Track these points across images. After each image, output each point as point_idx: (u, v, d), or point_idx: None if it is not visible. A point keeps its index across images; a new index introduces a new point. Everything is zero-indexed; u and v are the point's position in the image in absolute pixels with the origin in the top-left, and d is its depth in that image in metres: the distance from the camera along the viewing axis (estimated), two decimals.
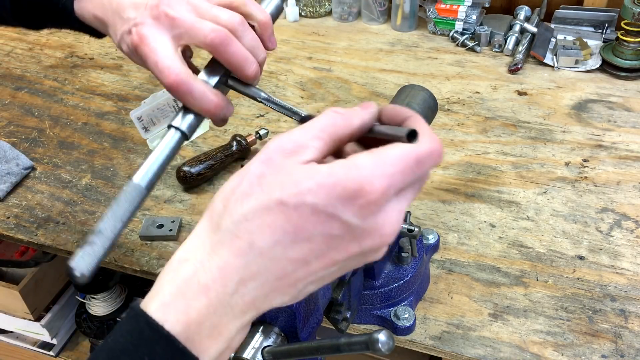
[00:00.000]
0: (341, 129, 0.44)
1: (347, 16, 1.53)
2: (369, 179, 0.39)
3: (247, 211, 0.40)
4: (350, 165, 0.40)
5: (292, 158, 0.41)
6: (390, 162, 0.40)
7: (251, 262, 0.40)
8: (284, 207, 0.40)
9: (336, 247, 0.41)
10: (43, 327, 1.40)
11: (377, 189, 0.39)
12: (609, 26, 1.35)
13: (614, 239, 0.92)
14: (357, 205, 0.39)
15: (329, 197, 0.39)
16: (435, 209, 0.98)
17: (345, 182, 0.39)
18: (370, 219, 0.40)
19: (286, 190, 0.40)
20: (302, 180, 0.40)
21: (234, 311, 0.41)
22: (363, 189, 0.39)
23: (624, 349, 0.77)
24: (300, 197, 0.39)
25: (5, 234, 0.99)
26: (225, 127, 1.19)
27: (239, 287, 0.40)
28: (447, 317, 0.82)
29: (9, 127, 1.23)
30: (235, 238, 0.40)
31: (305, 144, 0.42)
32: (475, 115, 1.19)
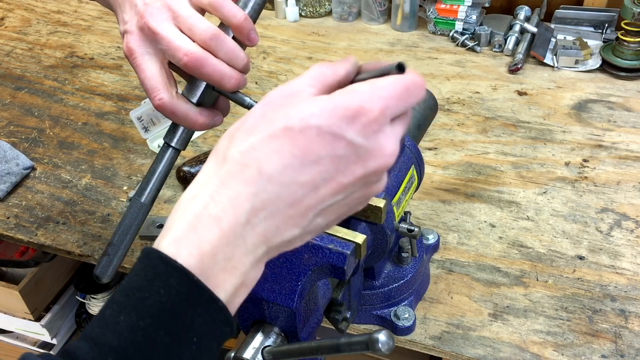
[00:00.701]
0: (329, 77, 0.46)
1: (347, 16, 1.53)
2: (367, 100, 0.42)
3: (253, 141, 0.41)
4: (348, 91, 0.43)
5: (289, 99, 0.43)
6: (384, 87, 0.43)
7: (261, 189, 0.40)
8: (290, 132, 0.41)
9: (343, 169, 0.42)
10: (43, 327, 1.40)
11: (376, 108, 0.42)
12: (609, 26, 1.35)
13: (614, 239, 0.92)
14: (359, 124, 0.41)
15: (332, 118, 0.41)
16: (435, 209, 0.98)
17: (347, 104, 0.42)
18: (372, 138, 0.42)
19: (291, 117, 0.41)
20: (305, 107, 0.42)
21: (247, 243, 0.41)
22: (363, 108, 0.42)
23: (624, 349, 0.77)
24: (305, 121, 0.41)
25: (5, 234, 0.99)
26: (225, 127, 1.18)
27: (251, 217, 0.41)
28: (447, 317, 0.82)
29: (9, 127, 1.23)
30: (244, 167, 0.41)
31: (300, 89, 0.44)
32: (475, 115, 1.19)
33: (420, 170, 0.81)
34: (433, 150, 1.10)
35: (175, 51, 0.62)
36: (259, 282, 0.59)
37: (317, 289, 0.64)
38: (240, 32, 0.65)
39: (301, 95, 0.44)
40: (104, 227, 0.98)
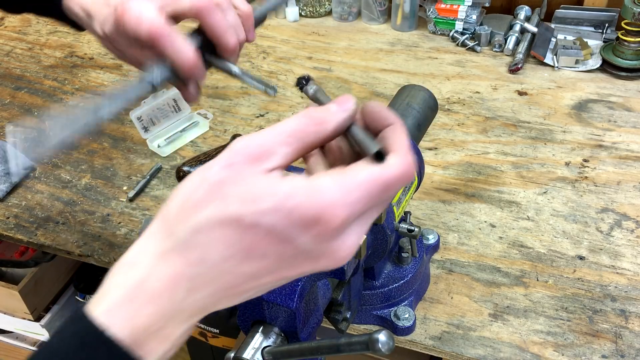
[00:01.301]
0: (313, 135, 0.41)
1: (347, 16, 1.53)
2: (330, 208, 0.38)
3: (202, 221, 0.39)
4: (313, 188, 0.39)
5: (255, 165, 0.40)
6: (355, 188, 0.39)
7: (202, 273, 0.40)
8: (240, 224, 0.39)
9: (288, 266, 0.40)
10: (43, 327, 1.40)
11: (338, 217, 0.38)
12: (609, 26, 1.35)
13: (614, 239, 0.92)
14: (314, 232, 0.38)
15: (286, 221, 0.38)
16: (435, 209, 0.98)
17: (305, 209, 0.38)
18: (326, 244, 0.39)
19: (244, 207, 0.39)
20: (261, 197, 0.39)
21: (182, 316, 0.41)
22: (323, 217, 0.38)
23: (624, 349, 0.77)
24: (257, 217, 0.38)
25: (5, 234, 0.99)
26: (225, 127, 1.19)
27: (188, 296, 0.40)
28: (447, 317, 0.82)
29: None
30: (188, 249, 0.40)
31: (272, 149, 0.40)
32: (475, 115, 1.19)
33: (420, 170, 0.81)
34: (433, 150, 1.10)
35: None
36: None
37: (317, 289, 0.64)
38: (245, 20, 0.66)
39: (269, 161, 0.40)
40: (103, 227, 0.98)
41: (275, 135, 0.41)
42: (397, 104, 0.87)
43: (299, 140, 0.41)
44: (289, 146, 0.41)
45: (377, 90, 1.27)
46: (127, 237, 0.96)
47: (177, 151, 1.13)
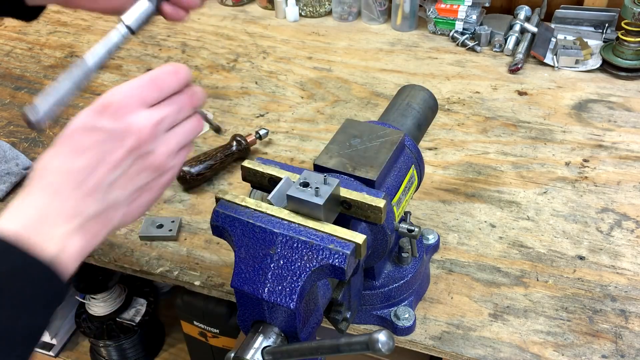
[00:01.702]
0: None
1: (347, 16, 1.53)
2: (112, 92, 0.55)
3: (42, 159, 0.54)
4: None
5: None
6: (132, 81, 0.56)
7: (48, 182, 0.52)
8: (65, 136, 0.54)
9: (108, 150, 0.54)
10: None
11: (119, 96, 0.55)
12: (609, 26, 1.35)
13: (614, 239, 0.92)
14: (108, 113, 0.54)
15: (88, 115, 0.55)
16: (435, 209, 0.98)
17: (98, 101, 0.55)
18: (121, 121, 0.54)
19: (68, 125, 0.55)
20: (80, 114, 0.55)
21: (59, 217, 0.52)
22: (108, 99, 0.55)
23: (624, 349, 0.77)
24: (72, 124, 0.55)
25: None
26: (225, 127, 1.19)
27: (48, 204, 0.51)
28: (447, 317, 0.82)
29: (9, 127, 1.23)
30: (41, 170, 0.53)
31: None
32: (475, 115, 1.19)
33: (420, 170, 0.81)
34: (433, 150, 1.10)
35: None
36: (259, 282, 0.59)
37: (317, 289, 0.64)
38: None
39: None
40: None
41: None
42: (397, 104, 0.87)
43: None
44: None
45: (377, 90, 1.27)
46: (127, 237, 0.96)
47: None
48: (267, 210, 0.63)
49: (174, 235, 0.95)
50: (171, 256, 0.93)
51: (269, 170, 0.68)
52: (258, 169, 0.69)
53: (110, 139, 0.54)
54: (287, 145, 1.14)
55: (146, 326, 1.43)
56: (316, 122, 1.20)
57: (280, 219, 0.61)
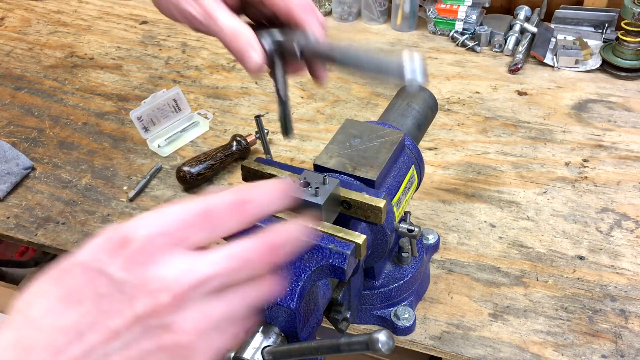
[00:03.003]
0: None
1: (347, 16, 1.53)
2: (133, 227, 0.37)
3: (35, 284, 0.38)
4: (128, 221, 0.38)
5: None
6: (168, 210, 0.38)
7: (25, 335, 0.36)
8: (58, 271, 0.38)
9: (107, 310, 0.36)
10: None
11: (141, 235, 0.37)
12: (609, 26, 1.35)
13: (614, 239, 0.92)
14: (122, 257, 0.37)
15: (95, 251, 0.37)
16: (435, 209, 0.98)
17: (111, 234, 0.37)
18: (137, 271, 0.36)
19: (69, 257, 0.38)
20: (86, 245, 0.38)
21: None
22: (127, 237, 0.37)
23: (624, 349, 0.77)
24: (72, 259, 0.38)
25: (5, 234, 0.99)
26: (225, 127, 1.19)
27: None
28: (447, 317, 0.82)
29: (9, 127, 1.23)
30: (17, 312, 0.38)
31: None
32: (475, 115, 1.19)
33: (420, 170, 0.81)
34: (433, 150, 1.10)
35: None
36: None
37: (317, 289, 0.64)
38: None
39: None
40: (104, 227, 0.98)
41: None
42: (397, 104, 0.87)
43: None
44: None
45: (377, 90, 1.28)
46: None
47: (177, 151, 1.13)
48: None
49: None
50: None
51: (269, 170, 0.68)
52: (258, 169, 0.69)
53: (116, 294, 0.37)
54: (287, 145, 1.14)
55: None
56: (316, 122, 1.20)
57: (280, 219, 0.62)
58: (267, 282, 0.41)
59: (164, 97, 1.15)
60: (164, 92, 1.17)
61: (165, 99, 1.15)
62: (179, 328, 0.37)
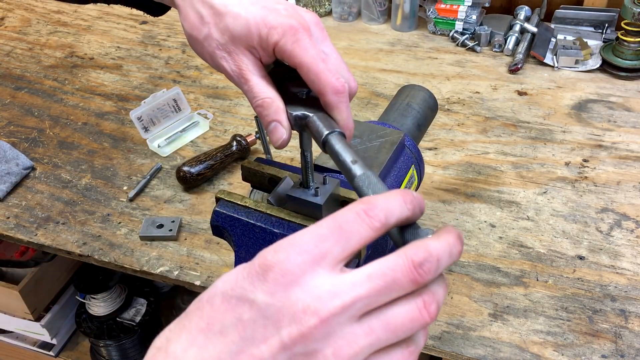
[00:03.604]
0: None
1: (347, 16, 1.53)
2: (271, 252, 0.35)
3: (176, 320, 0.38)
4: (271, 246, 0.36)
5: None
6: (298, 234, 0.36)
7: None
8: (199, 304, 0.37)
9: (252, 337, 0.34)
10: (43, 327, 1.40)
11: (280, 258, 0.35)
12: (609, 26, 1.35)
13: (614, 239, 0.92)
14: (265, 281, 0.35)
15: (237, 279, 0.36)
16: (435, 209, 0.98)
17: (255, 260, 0.36)
18: (281, 294, 0.34)
19: (210, 288, 0.37)
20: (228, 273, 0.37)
21: None
22: (265, 263, 0.35)
23: (624, 349, 0.77)
24: (212, 289, 0.37)
25: (5, 234, 0.99)
26: (225, 127, 1.19)
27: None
28: (447, 317, 0.82)
29: (9, 127, 1.23)
30: (157, 350, 0.37)
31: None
32: (475, 115, 1.19)
33: (420, 170, 0.81)
34: (433, 150, 1.10)
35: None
36: None
37: None
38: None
39: None
40: (103, 227, 0.98)
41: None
42: (397, 104, 0.87)
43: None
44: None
45: (377, 90, 1.27)
46: (127, 237, 0.96)
47: (177, 151, 1.13)
48: (267, 210, 0.63)
49: (174, 235, 0.95)
50: (171, 256, 0.93)
51: (269, 170, 0.68)
52: (258, 169, 0.69)
53: (259, 319, 0.34)
54: (287, 145, 1.13)
55: (146, 326, 1.43)
56: None
57: (280, 219, 0.61)
58: (415, 304, 0.36)
59: (164, 97, 1.15)
60: (164, 92, 1.17)
61: (165, 99, 1.15)
62: (323, 356, 0.34)
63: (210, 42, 0.58)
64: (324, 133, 0.52)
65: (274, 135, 0.57)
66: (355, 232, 0.37)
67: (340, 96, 0.55)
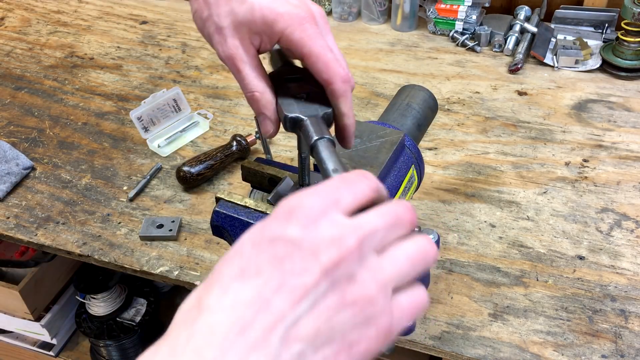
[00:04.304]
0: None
1: (347, 16, 1.53)
2: (297, 195, 0.38)
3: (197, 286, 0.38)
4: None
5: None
6: (311, 188, 0.39)
7: (202, 325, 0.34)
8: (226, 257, 0.37)
9: (291, 269, 0.34)
10: (43, 327, 1.40)
11: (307, 198, 0.37)
12: (609, 26, 1.35)
13: (614, 239, 0.92)
14: (294, 218, 0.36)
15: (264, 225, 0.37)
16: (435, 209, 0.98)
17: (276, 208, 0.38)
18: (313, 227, 0.36)
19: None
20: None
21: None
22: (294, 202, 0.37)
23: (624, 349, 0.77)
24: (238, 243, 0.37)
25: (5, 234, 0.99)
26: (225, 127, 1.19)
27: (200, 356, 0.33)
28: (447, 317, 0.82)
29: (9, 127, 1.23)
30: (185, 310, 0.36)
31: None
32: (475, 115, 1.19)
33: (420, 170, 0.81)
34: (433, 150, 1.10)
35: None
36: None
37: None
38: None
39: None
40: (103, 227, 0.98)
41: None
42: (397, 104, 0.87)
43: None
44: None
45: (377, 90, 1.27)
46: (127, 237, 0.96)
47: (177, 151, 1.13)
48: (267, 210, 0.63)
49: (174, 235, 0.95)
50: (171, 256, 0.93)
51: (269, 170, 0.68)
52: (258, 169, 0.69)
53: (299, 253, 0.35)
54: (287, 145, 1.14)
55: (146, 326, 1.43)
56: None
57: None
58: (421, 240, 0.40)
59: (164, 97, 1.15)
60: (164, 92, 1.17)
61: (165, 99, 1.15)
62: (362, 278, 0.36)
63: (211, 24, 0.58)
64: (314, 138, 0.53)
65: (262, 127, 0.59)
66: (359, 186, 0.40)
67: (346, 85, 0.56)
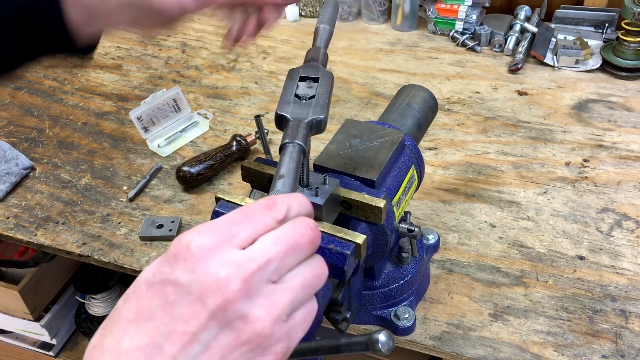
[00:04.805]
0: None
1: (347, 16, 1.53)
2: (184, 237, 0.38)
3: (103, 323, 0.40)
4: None
5: None
6: (210, 221, 0.40)
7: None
8: (126, 297, 0.39)
9: (180, 315, 0.36)
10: (43, 327, 1.40)
11: (196, 237, 0.38)
12: (609, 26, 1.35)
13: (614, 239, 0.92)
14: (184, 260, 0.37)
15: (157, 267, 0.38)
16: (435, 209, 0.98)
17: (170, 247, 0.39)
18: (200, 269, 0.37)
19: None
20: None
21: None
22: (182, 243, 0.38)
23: (625, 349, 0.77)
24: (136, 281, 0.39)
25: (5, 234, 0.99)
26: (225, 127, 1.18)
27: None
28: (447, 317, 0.82)
29: (9, 127, 1.23)
30: (91, 348, 0.38)
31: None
32: (475, 115, 1.19)
33: (420, 170, 0.81)
34: (433, 150, 1.10)
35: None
36: None
37: None
38: None
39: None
40: (103, 227, 0.98)
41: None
42: (397, 104, 0.87)
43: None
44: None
45: (377, 90, 1.27)
46: (127, 237, 0.96)
47: (177, 151, 1.13)
48: None
49: (174, 235, 0.95)
50: None
51: (269, 170, 0.68)
52: (258, 169, 0.69)
53: (185, 296, 0.36)
54: None
55: None
56: None
57: None
58: (315, 262, 0.41)
59: (163, 97, 1.15)
60: (163, 92, 1.16)
61: (165, 98, 1.15)
62: (253, 316, 0.37)
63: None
64: (285, 140, 0.56)
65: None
66: (261, 219, 0.40)
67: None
